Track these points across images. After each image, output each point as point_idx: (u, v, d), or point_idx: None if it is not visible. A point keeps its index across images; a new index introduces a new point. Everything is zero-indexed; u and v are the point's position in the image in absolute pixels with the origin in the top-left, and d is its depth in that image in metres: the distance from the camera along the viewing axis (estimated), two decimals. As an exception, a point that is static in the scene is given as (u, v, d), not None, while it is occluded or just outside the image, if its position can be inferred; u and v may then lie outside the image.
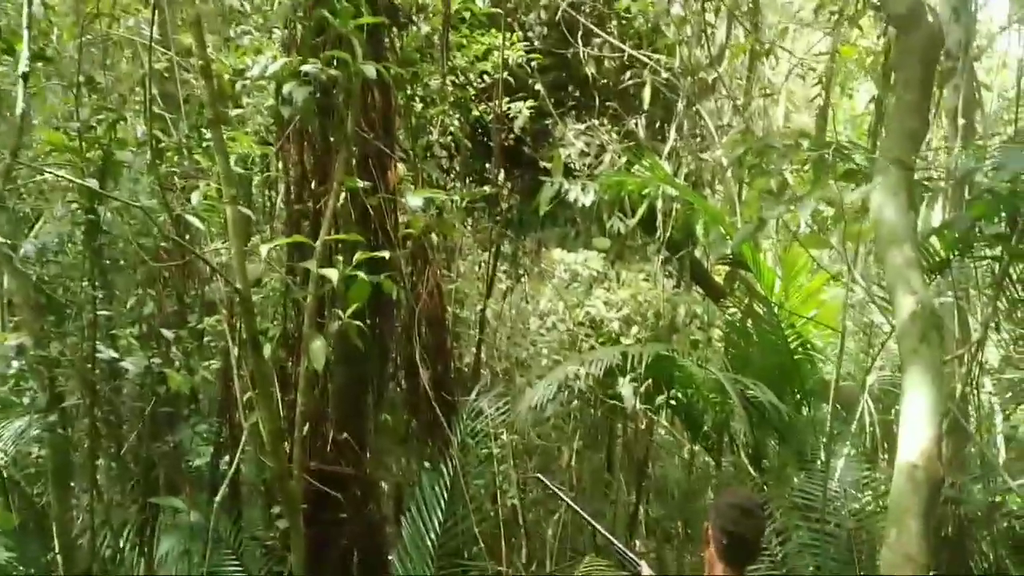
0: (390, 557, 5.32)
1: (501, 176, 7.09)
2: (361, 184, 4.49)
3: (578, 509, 4.02)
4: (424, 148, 6.49)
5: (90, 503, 5.01)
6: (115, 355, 4.82)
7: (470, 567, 5.30)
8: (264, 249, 4.28)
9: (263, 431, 4.04)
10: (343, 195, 4.70)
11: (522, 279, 8.11)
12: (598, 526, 3.87)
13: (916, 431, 2.79)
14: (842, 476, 5.42)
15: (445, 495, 5.31)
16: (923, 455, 2.74)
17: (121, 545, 5.32)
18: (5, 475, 5.20)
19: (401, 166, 5.60)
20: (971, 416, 6.07)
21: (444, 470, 5.36)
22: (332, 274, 3.89)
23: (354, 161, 4.86)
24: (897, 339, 3.16)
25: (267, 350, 4.25)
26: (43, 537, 5.25)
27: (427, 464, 5.48)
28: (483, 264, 7.25)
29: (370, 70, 4.16)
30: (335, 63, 4.17)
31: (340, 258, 4.57)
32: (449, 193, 6.34)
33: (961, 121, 7.61)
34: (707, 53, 7.81)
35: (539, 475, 4.99)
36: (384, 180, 5.18)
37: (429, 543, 5.21)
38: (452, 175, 7.23)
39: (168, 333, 5.03)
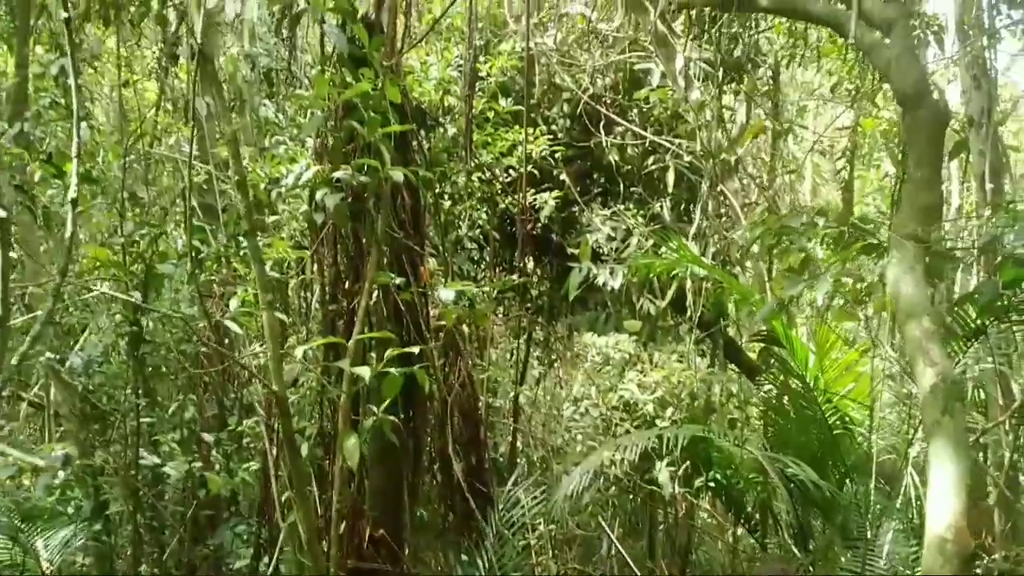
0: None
1: (530, 264, 7.19)
2: (394, 280, 4.64)
3: None
4: (454, 242, 6.66)
5: (134, 610, 5.06)
6: (157, 461, 4.95)
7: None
8: (300, 351, 4.43)
9: (301, 530, 4.09)
10: (376, 293, 4.85)
11: (554, 365, 8.13)
12: None
13: (943, 505, 2.77)
14: (890, 552, 5.28)
15: (483, 589, 5.25)
16: (951, 528, 2.72)
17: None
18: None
19: (432, 261, 5.76)
20: (1022, 484, 5.90)
21: (480, 563, 5.31)
22: (364, 372, 4.00)
23: (386, 260, 5.02)
24: (920, 412, 3.16)
25: (304, 449, 4.33)
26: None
27: (464, 557, 5.44)
28: (515, 351, 7.30)
29: (398, 175, 4.36)
30: (365, 169, 4.38)
31: (373, 355, 4.67)
32: (479, 284, 6.47)
33: (989, 186, 7.63)
34: (727, 135, 7.96)
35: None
36: (416, 276, 5.34)
37: (468, 640, 5.14)
38: (482, 265, 7.37)
39: (208, 437, 5.15)
